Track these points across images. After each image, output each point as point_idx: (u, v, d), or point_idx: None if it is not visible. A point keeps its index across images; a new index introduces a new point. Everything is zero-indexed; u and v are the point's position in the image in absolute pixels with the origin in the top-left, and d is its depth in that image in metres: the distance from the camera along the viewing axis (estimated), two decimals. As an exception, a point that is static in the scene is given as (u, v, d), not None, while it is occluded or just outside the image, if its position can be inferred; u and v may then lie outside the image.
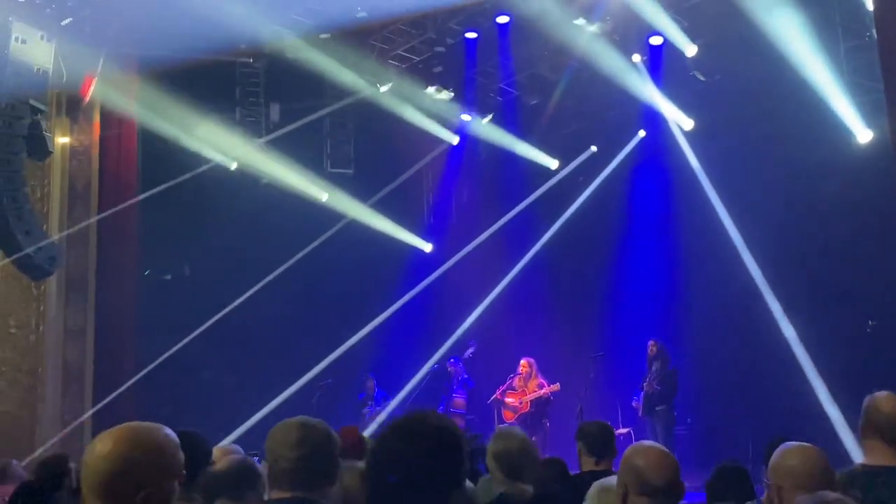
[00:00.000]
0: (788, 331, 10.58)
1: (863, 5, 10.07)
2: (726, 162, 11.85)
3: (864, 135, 10.54)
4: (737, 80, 11.64)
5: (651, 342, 10.92)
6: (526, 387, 11.65)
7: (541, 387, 11.58)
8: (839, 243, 10.46)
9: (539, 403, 11.54)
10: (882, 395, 3.39)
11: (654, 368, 10.78)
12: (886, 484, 3.11)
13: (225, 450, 4.53)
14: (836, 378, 9.89)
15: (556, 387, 11.51)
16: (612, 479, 3.12)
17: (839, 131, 10.58)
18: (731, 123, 11.84)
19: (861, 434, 3.34)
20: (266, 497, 2.84)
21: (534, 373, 11.66)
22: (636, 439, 10.91)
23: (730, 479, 4.44)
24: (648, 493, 2.74)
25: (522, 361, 11.77)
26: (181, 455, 2.11)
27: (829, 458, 2.97)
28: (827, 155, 10.64)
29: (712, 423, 11.28)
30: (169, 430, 2.12)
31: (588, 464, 4.72)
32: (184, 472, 2.10)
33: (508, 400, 11.80)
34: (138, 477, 1.99)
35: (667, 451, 2.96)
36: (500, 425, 10.60)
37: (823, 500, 2.38)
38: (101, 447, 2.03)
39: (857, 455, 3.54)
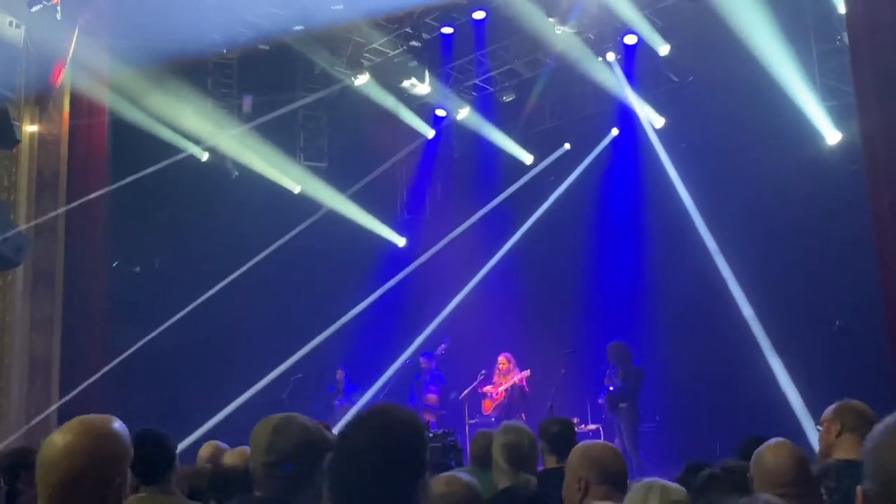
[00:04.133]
0: (757, 329, 10.70)
1: (835, 9, 10.20)
2: (697, 161, 11.96)
3: (833, 136, 10.68)
4: (709, 80, 11.74)
5: (609, 346, 10.96)
6: (504, 380, 11.77)
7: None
8: (808, 243, 10.60)
9: (513, 393, 11.64)
10: (853, 401, 3.57)
11: (618, 368, 10.87)
12: (859, 476, 3.20)
13: (214, 445, 4.56)
14: (803, 375, 10.03)
15: (526, 373, 11.64)
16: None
17: (809, 133, 10.70)
18: (702, 123, 11.93)
19: (838, 433, 3.47)
20: None
21: (511, 367, 11.79)
22: (605, 435, 11.02)
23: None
24: (610, 482, 2.91)
25: (501, 357, 11.88)
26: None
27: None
28: (797, 156, 10.77)
29: (680, 420, 11.39)
30: (119, 422, 2.11)
31: (550, 462, 4.69)
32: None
33: (486, 389, 11.91)
34: (105, 470, 1.99)
35: (611, 444, 3.20)
36: (480, 425, 10.64)
37: (755, 501, 2.47)
38: (64, 441, 2.01)
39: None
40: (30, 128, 11.37)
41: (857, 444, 3.38)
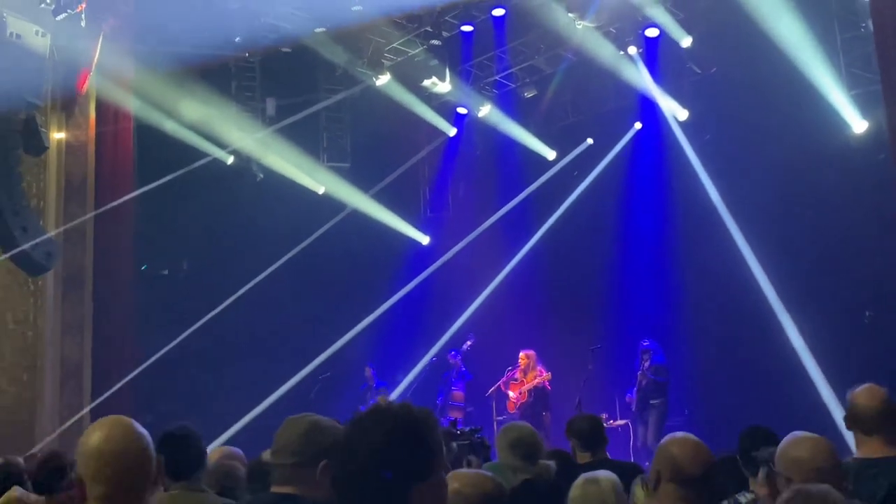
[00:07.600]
0: (786, 322, 10.58)
1: (858, -4, 10.07)
2: (722, 153, 11.85)
3: (859, 125, 10.54)
4: (732, 71, 11.63)
5: (645, 341, 11.03)
6: (525, 378, 11.72)
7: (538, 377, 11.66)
8: (835, 234, 10.46)
9: (537, 394, 11.58)
10: (859, 389, 3.45)
11: (645, 364, 10.88)
12: (877, 475, 3.14)
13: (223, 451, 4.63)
14: (833, 368, 9.90)
15: (547, 375, 11.58)
16: (599, 473, 3.31)
17: (835, 122, 10.56)
18: (727, 114, 11.83)
19: (847, 427, 3.40)
20: None
21: (532, 364, 11.72)
22: (633, 431, 10.99)
23: (729, 468, 4.49)
24: (679, 481, 2.83)
25: (521, 354, 11.83)
26: None
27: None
28: (823, 145, 10.64)
29: (709, 413, 11.30)
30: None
31: (584, 458, 4.78)
32: None
33: (510, 392, 11.88)
34: (149, 466, 2.08)
35: (702, 443, 2.99)
36: (508, 421, 10.60)
37: (807, 491, 2.34)
38: (113, 435, 2.07)
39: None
40: (57, 135, 11.55)
41: (866, 440, 3.30)
